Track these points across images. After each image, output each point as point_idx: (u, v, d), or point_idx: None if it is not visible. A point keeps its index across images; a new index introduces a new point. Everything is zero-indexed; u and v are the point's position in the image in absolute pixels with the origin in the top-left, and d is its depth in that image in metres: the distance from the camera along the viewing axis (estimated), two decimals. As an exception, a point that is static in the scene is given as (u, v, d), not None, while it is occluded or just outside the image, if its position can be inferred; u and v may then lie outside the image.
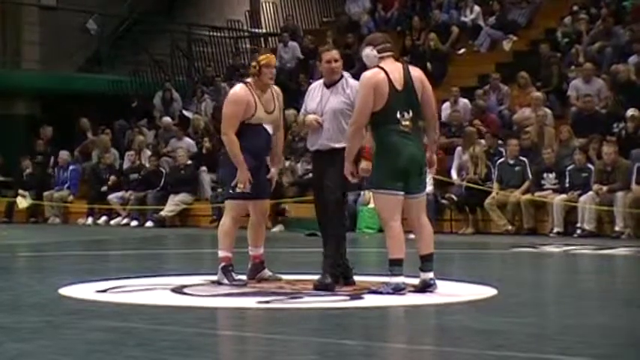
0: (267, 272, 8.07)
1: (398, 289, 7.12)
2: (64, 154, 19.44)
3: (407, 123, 7.28)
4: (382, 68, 7.31)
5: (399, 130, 7.24)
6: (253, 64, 7.89)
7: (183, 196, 17.58)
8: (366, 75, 7.29)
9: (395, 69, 7.36)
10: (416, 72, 7.56)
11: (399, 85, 7.30)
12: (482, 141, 15.95)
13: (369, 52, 7.36)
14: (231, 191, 7.81)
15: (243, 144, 7.75)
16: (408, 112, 7.31)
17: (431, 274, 7.31)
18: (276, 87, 8.11)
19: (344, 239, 7.75)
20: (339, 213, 7.68)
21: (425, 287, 7.29)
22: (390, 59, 7.43)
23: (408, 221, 7.35)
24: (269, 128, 7.91)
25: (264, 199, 7.99)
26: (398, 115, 7.24)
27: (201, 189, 17.68)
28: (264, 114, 7.86)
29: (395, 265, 7.16)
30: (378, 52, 7.36)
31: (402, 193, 7.21)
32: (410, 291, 7.27)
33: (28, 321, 6.20)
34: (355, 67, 19.21)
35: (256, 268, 8.06)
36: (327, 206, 7.67)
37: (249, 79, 7.93)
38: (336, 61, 7.79)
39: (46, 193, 19.08)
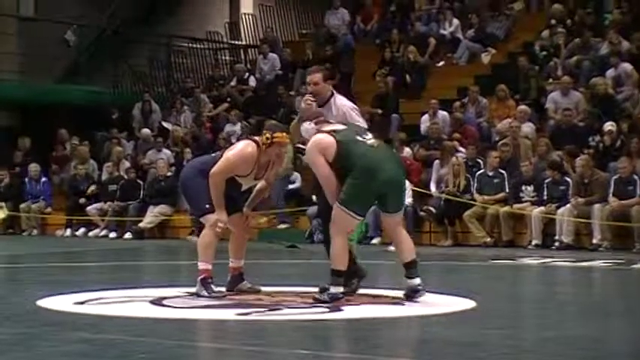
0: (246, 284, 8.07)
1: (335, 298, 7.32)
2: (33, 167, 19.33)
3: (372, 141, 7.50)
4: (324, 132, 7.49)
5: (367, 147, 7.41)
6: (267, 135, 7.72)
7: (162, 208, 17.53)
8: (314, 141, 7.44)
9: (330, 127, 7.53)
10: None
11: (342, 126, 7.55)
12: (461, 154, 15.96)
13: (307, 127, 7.61)
14: (208, 206, 7.79)
15: (209, 174, 7.76)
16: (366, 134, 7.56)
17: (418, 280, 7.42)
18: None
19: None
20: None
21: (413, 292, 7.38)
22: (324, 123, 7.61)
23: (386, 233, 7.44)
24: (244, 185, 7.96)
25: (239, 212, 7.98)
26: (359, 138, 7.45)
27: (180, 201, 17.63)
28: (250, 180, 7.88)
29: (336, 276, 7.36)
30: (315, 124, 7.58)
31: (362, 218, 7.54)
32: (401, 301, 7.41)
33: (5, 333, 6.16)
34: (337, 77, 19.30)
35: (235, 280, 8.06)
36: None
37: (259, 139, 7.83)
38: (316, 84, 7.82)
39: (22, 205, 18.98)
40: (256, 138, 7.90)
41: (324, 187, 7.45)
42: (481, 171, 15.48)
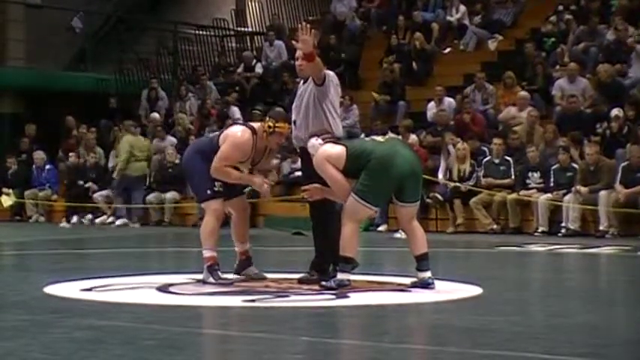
0: (253, 269, 8.10)
1: (342, 285, 7.34)
2: (39, 154, 19.35)
3: (381, 137, 7.73)
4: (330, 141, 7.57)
5: (377, 142, 7.58)
6: (270, 122, 7.73)
7: (170, 194, 17.53)
8: (322, 152, 7.45)
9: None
10: None
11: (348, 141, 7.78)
12: (462, 144, 15.75)
13: (314, 143, 7.57)
14: (209, 192, 7.81)
15: (209, 157, 7.76)
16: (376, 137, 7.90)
17: (429, 273, 7.48)
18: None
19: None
20: (326, 212, 7.75)
21: (424, 285, 7.44)
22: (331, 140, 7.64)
23: (399, 223, 7.47)
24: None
25: (239, 196, 8.01)
26: (367, 138, 7.85)
27: (188, 188, 17.62)
28: (247, 165, 7.87)
29: (345, 263, 7.37)
30: (323, 140, 7.55)
31: (377, 208, 7.59)
32: (407, 288, 7.46)
33: (13, 319, 6.18)
34: (341, 66, 19.28)
35: (243, 263, 8.10)
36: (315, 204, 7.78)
37: (256, 126, 7.83)
38: (298, 58, 7.82)
39: (28, 192, 19.02)
40: (253, 125, 7.90)
41: (337, 191, 7.45)
42: (487, 158, 15.46)
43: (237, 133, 7.82)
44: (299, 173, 16.75)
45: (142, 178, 17.75)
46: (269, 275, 8.22)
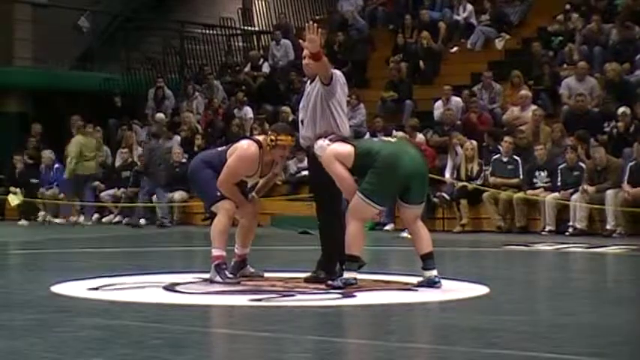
0: (249, 269, 8.13)
1: (348, 284, 7.34)
2: (47, 154, 19.37)
3: (389, 138, 7.87)
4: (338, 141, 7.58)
5: (385, 141, 7.71)
6: (272, 136, 7.77)
7: (178, 194, 17.54)
8: (331, 151, 7.45)
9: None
10: None
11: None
12: (471, 143, 15.76)
13: (321, 144, 7.56)
14: (218, 193, 7.83)
15: (216, 169, 7.82)
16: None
17: (435, 272, 7.47)
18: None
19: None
20: (332, 211, 7.75)
21: (430, 284, 7.43)
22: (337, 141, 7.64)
23: (404, 224, 7.50)
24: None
25: (250, 202, 8.03)
26: (375, 138, 7.69)
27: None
28: (256, 178, 7.93)
29: (351, 261, 7.37)
30: (330, 140, 7.55)
31: (382, 208, 7.67)
32: (413, 287, 7.45)
33: (20, 318, 6.19)
34: (348, 66, 19.27)
35: (238, 265, 8.11)
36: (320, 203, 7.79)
37: (261, 139, 7.88)
38: (305, 57, 7.82)
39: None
40: (259, 138, 7.95)
41: (343, 190, 7.47)
42: (496, 156, 15.44)
43: (244, 146, 7.87)
44: (306, 172, 16.83)
45: (91, 177, 17.92)
46: (275, 275, 8.23)
